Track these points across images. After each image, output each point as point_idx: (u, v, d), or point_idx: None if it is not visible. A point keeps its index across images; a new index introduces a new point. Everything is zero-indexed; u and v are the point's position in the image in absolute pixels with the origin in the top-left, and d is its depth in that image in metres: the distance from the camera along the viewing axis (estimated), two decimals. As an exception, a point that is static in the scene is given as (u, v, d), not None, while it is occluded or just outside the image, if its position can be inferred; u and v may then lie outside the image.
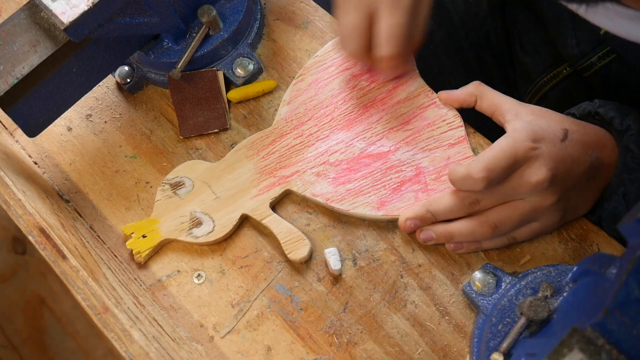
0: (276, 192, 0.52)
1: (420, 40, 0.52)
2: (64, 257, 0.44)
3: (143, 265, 0.53)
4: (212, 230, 0.52)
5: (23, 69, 0.47)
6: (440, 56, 0.71)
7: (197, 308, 0.51)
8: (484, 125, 0.54)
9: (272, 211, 0.52)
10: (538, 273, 0.46)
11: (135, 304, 0.48)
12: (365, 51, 0.51)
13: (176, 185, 0.54)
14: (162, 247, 0.53)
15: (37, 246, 0.44)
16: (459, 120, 0.53)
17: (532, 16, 0.65)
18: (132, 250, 0.52)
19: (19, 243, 1.26)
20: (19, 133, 0.59)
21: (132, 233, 0.52)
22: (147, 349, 0.41)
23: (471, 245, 0.49)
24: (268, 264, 0.52)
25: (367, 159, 0.53)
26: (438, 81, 0.58)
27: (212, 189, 0.53)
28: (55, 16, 0.45)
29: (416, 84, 0.55)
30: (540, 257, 0.50)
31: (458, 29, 0.71)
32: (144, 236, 0.52)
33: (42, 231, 0.45)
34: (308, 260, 0.52)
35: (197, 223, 0.52)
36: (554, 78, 0.64)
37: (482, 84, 0.52)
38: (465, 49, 0.72)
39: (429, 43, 0.71)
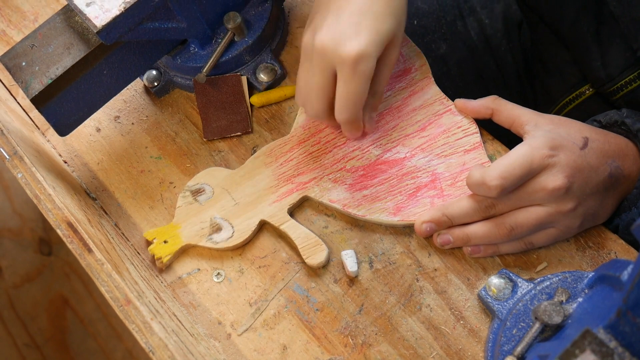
0: (294, 198, 0.53)
1: (381, 99, 0.52)
2: (89, 250, 0.46)
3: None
4: (232, 236, 0.53)
5: (57, 70, 0.50)
6: (454, 78, 0.71)
7: (216, 306, 0.53)
8: (503, 135, 0.54)
9: (290, 217, 0.53)
10: (554, 279, 0.46)
11: (156, 298, 0.49)
12: (327, 112, 0.50)
13: (197, 192, 0.55)
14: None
15: (64, 239, 0.46)
16: (474, 127, 0.53)
17: (555, 36, 0.65)
18: (153, 256, 0.53)
19: (45, 244, 1.29)
20: (51, 133, 0.61)
21: (154, 239, 0.54)
22: (166, 341, 0.42)
23: (488, 249, 0.50)
24: (286, 264, 0.53)
25: (383, 165, 0.54)
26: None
27: (232, 195, 0.55)
28: (89, 20, 0.47)
29: (431, 92, 0.55)
30: (557, 264, 0.50)
31: (473, 51, 0.71)
32: (165, 242, 0.54)
33: (70, 225, 0.46)
34: (325, 265, 0.52)
35: (217, 229, 0.54)
36: (577, 98, 0.63)
37: (499, 97, 0.52)
38: (481, 71, 0.72)
39: (442, 66, 0.71)
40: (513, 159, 0.46)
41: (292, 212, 0.54)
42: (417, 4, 0.72)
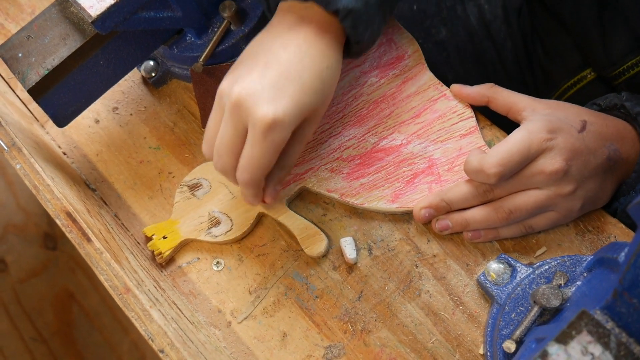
0: (291, 189, 0.53)
1: (288, 173, 0.50)
2: (88, 239, 0.46)
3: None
4: (230, 229, 0.53)
5: (53, 61, 0.50)
6: (454, 63, 0.71)
7: (216, 294, 0.53)
8: (501, 121, 0.54)
9: (288, 208, 0.53)
10: (553, 263, 0.46)
11: (155, 287, 0.49)
12: (235, 170, 0.47)
13: (194, 187, 0.55)
14: (182, 235, 0.55)
15: (63, 229, 0.46)
16: (469, 111, 0.53)
17: (556, 21, 0.64)
18: (153, 251, 0.54)
19: (50, 239, 1.30)
20: (50, 125, 0.61)
21: (153, 235, 0.54)
22: (165, 328, 0.43)
23: (489, 234, 0.49)
24: (285, 252, 0.53)
25: (380, 153, 0.53)
26: None
27: (229, 188, 0.55)
28: (84, 10, 0.47)
29: (425, 78, 0.55)
30: (557, 248, 0.50)
31: (472, 36, 0.71)
32: (164, 237, 0.54)
33: (69, 215, 0.47)
34: (325, 254, 0.52)
35: (216, 222, 0.54)
36: (578, 83, 0.63)
37: (495, 85, 0.52)
38: (481, 56, 0.72)
39: (442, 51, 0.71)
40: (511, 145, 0.45)
41: (291, 200, 0.54)
42: None
